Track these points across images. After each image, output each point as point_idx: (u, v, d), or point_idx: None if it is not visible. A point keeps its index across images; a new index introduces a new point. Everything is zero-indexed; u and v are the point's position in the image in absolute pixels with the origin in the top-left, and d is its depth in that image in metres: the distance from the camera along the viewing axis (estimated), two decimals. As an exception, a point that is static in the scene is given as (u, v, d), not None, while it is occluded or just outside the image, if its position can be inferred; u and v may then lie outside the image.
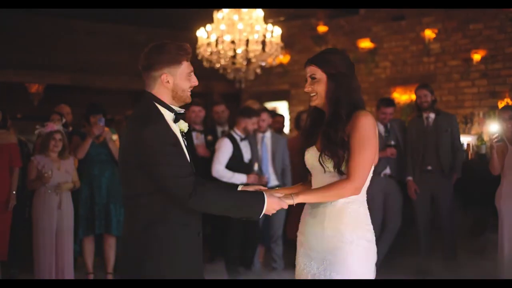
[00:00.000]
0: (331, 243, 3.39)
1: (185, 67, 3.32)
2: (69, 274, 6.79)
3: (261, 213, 3.26)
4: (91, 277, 7.25)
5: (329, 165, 3.40)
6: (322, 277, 3.42)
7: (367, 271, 3.40)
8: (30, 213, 7.01)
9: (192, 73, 3.37)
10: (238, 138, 7.47)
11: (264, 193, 3.29)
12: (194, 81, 3.38)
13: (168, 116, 3.33)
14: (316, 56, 3.56)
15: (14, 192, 6.76)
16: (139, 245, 3.26)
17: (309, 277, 3.48)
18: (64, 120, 7.25)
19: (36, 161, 6.73)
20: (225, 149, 7.38)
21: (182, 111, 3.42)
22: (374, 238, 3.46)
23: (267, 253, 8.25)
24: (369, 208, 7.46)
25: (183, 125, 3.42)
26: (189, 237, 3.32)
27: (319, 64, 3.49)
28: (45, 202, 6.68)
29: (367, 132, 3.33)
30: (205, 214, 3.38)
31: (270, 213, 3.33)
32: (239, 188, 3.54)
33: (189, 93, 3.37)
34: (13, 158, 6.78)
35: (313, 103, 3.53)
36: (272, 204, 3.29)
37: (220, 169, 7.30)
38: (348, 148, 3.34)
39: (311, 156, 3.51)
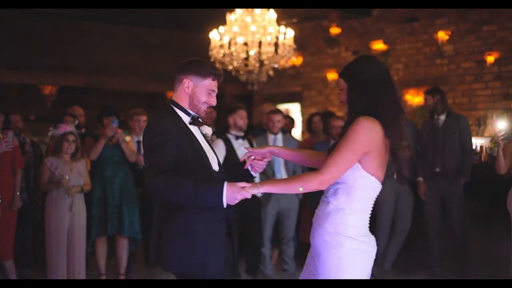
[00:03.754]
0: (316, 246, 3.42)
1: (208, 83, 3.64)
2: (81, 274, 6.82)
3: (222, 200, 3.32)
4: (103, 278, 7.27)
5: None
6: (311, 277, 3.45)
7: (351, 275, 3.35)
8: (43, 214, 7.05)
9: (214, 93, 3.67)
10: (232, 138, 7.46)
11: (225, 182, 3.36)
12: (213, 101, 3.69)
13: (186, 118, 3.65)
14: (344, 67, 3.56)
15: (18, 194, 6.78)
16: (162, 234, 3.51)
17: (306, 273, 3.51)
18: (77, 122, 7.29)
19: (49, 162, 6.76)
20: (216, 150, 7.35)
21: (199, 116, 3.71)
22: (364, 247, 3.38)
23: (279, 255, 8.26)
24: (380, 210, 7.45)
25: (207, 129, 3.78)
26: (207, 224, 3.50)
27: (341, 75, 3.51)
28: (57, 204, 6.71)
29: (354, 134, 3.28)
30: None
31: (233, 203, 3.36)
32: None
33: (204, 108, 3.68)
34: (15, 160, 6.78)
35: (345, 113, 3.59)
36: (233, 193, 3.33)
37: None
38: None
39: None
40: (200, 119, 3.74)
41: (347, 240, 3.33)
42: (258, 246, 7.68)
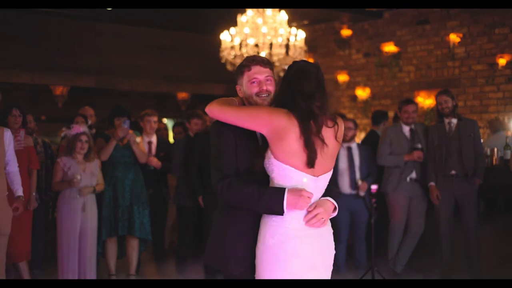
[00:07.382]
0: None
1: (246, 76, 3.66)
2: (91, 275, 6.84)
3: (283, 205, 3.31)
4: (114, 278, 7.28)
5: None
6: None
7: (274, 275, 3.32)
8: (54, 214, 7.05)
9: (257, 80, 3.64)
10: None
11: (285, 189, 3.34)
12: (261, 86, 3.65)
13: None
14: None
15: (34, 194, 6.80)
16: (214, 228, 3.63)
17: None
18: (89, 122, 7.30)
19: (62, 163, 6.77)
20: None
21: None
22: (285, 243, 3.33)
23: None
24: (393, 213, 7.36)
25: None
26: (240, 229, 3.51)
27: None
28: (69, 204, 6.73)
29: (263, 108, 3.48)
30: None
31: (301, 208, 3.34)
32: None
33: (260, 99, 3.63)
34: (31, 161, 6.80)
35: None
36: (294, 200, 3.31)
37: None
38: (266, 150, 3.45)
39: None
40: None
41: (268, 234, 3.36)
42: None
